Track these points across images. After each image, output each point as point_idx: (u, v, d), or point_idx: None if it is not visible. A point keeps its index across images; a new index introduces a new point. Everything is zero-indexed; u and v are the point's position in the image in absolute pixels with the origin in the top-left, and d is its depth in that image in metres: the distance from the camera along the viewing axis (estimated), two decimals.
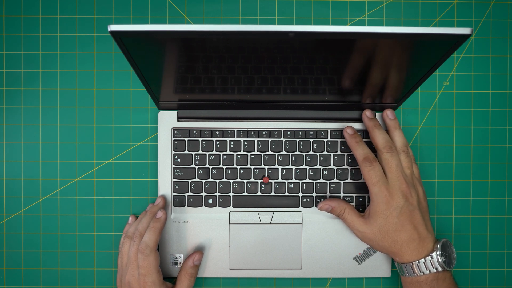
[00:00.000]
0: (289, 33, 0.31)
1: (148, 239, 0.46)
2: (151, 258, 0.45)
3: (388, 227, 0.45)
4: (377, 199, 0.46)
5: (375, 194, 0.46)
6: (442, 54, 0.36)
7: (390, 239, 0.46)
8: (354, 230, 0.48)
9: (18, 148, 0.53)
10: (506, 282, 0.54)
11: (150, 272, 0.45)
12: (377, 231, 0.46)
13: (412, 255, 0.45)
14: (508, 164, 0.54)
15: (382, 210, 0.45)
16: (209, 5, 0.53)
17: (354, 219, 0.48)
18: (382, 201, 0.45)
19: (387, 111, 0.50)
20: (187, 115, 0.51)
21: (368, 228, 0.47)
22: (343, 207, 0.48)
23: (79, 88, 0.53)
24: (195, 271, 0.49)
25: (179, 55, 0.37)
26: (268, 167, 0.51)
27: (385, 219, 0.45)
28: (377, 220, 0.46)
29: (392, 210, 0.45)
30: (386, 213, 0.45)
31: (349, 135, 0.48)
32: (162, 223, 0.48)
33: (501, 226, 0.54)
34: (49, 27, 0.53)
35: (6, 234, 0.53)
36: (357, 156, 0.47)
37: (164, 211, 0.48)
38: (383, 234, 0.46)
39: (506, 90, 0.54)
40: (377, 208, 0.46)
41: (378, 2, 0.54)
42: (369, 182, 0.46)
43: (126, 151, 0.53)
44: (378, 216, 0.46)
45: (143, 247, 0.45)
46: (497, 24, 0.54)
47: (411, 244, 0.45)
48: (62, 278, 0.53)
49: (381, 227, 0.46)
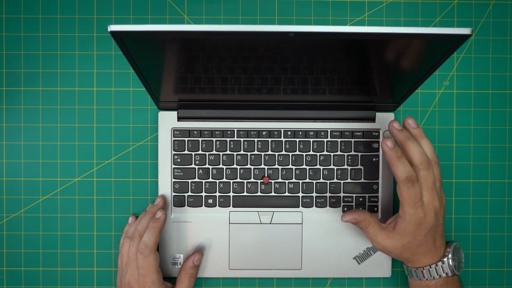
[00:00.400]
0: (289, 33, 0.31)
1: (147, 239, 0.45)
2: (151, 258, 0.45)
3: (412, 244, 0.44)
4: (410, 219, 0.43)
5: (411, 215, 0.42)
6: (442, 54, 0.36)
7: (411, 252, 0.45)
8: (374, 242, 0.46)
9: (18, 148, 0.53)
10: (506, 282, 0.54)
11: (149, 272, 0.45)
12: (400, 247, 0.44)
13: (425, 261, 0.45)
14: (508, 164, 0.54)
15: (412, 230, 0.43)
16: (209, 5, 0.53)
17: (377, 233, 0.45)
18: (415, 222, 0.43)
19: (409, 120, 0.45)
20: (187, 115, 0.51)
21: (391, 243, 0.45)
22: (369, 221, 0.45)
23: (79, 88, 0.53)
24: (195, 271, 0.49)
25: (179, 55, 0.37)
26: (268, 167, 0.51)
27: (413, 238, 0.44)
28: (404, 238, 0.44)
29: (422, 229, 0.43)
30: (415, 233, 0.43)
31: (390, 148, 0.42)
32: (162, 223, 0.47)
33: (501, 226, 0.54)
34: (49, 27, 0.53)
35: (6, 234, 0.53)
36: (397, 174, 0.42)
37: (163, 211, 0.48)
38: (405, 249, 0.45)
39: (506, 90, 0.54)
40: (407, 228, 0.43)
41: (378, 2, 0.53)
42: (408, 203, 0.42)
43: (126, 151, 0.53)
44: (406, 235, 0.44)
45: (142, 248, 0.45)
46: (497, 24, 0.53)
47: (428, 254, 0.45)
48: (62, 278, 0.53)
49: (405, 244, 0.44)
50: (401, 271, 0.53)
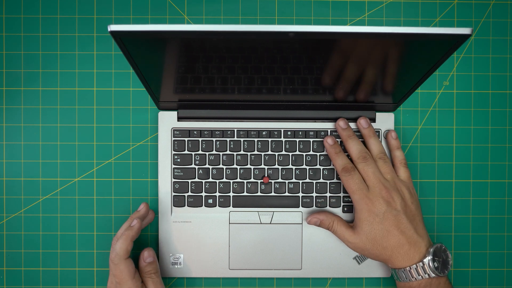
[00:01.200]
0: (289, 33, 0.31)
1: (118, 247, 0.44)
2: (122, 266, 0.44)
3: (374, 233, 0.46)
4: (359, 206, 0.46)
5: (356, 201, 0.46)
6: (442, 54, 0.36)
7: (380, 246, 0.46)
8: (344, 241, 0.48)
9: (18, 148, 0.53)
10: (506, 282, 0.54)
11: (123, 280, 0.44)
12: (365, 239, 0.46)
13: (403, 261, 0.45)
14: (508, 164, 0.54)
15: (366, 217, 0.46)
16: (209, 5, 0.53)
17: (343, 230, 0.48)
18: (364, 208, 0.46)
19: (361, 120, 0.50)
20: (187, 115, 0.51)
21: (357, 237, 0.47)
22: (331, 219, 0.49)
23: (79, 88, 0.53)
24: (153, 268, 0.47)
25: (179, 55, 0.37)
26: (268, 167, 0.51)
27: (370, 225, 0.46)
28: (363, 228, 0.46)
29: (374, 216, 0.45)
30: (369, 219, 0.46)
31: (330, 145, 0.49)
32: (135, 232, 0.46)
33: (501, 226, 0.54)
34: (49, 27, 0.53)
35: (6, 234, 0.53)
36: (336, 167, 0.48)
37: (138, 220, 0.47)
38: (372, 241, 0.46)
39: (506, 90, 0.54)
40: (361, 216, 0.46)
41: (378, 2, 0.54)
42: (350, 191, 0.47)
43: (126, 151, 0.53)
44: (363, 224, 0.46)
45: (112, 256, 0.44)
46: (497, 24, 0.54)
47: (401, 249, 0.45)
48: (62, 278, 0.53)
49: (368, 234, 0.46)
50: None
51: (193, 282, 0.53)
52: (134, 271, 0.45)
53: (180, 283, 0.53)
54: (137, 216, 0.48)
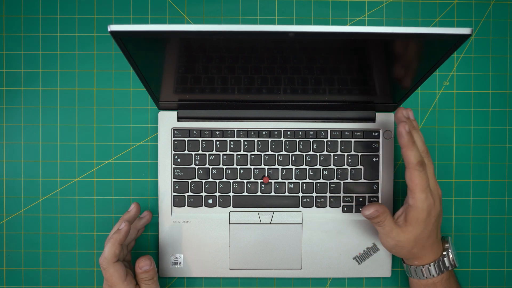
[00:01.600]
0: (289, 33, 0.31)
1: (106, 251, 0.44)
2: (111, 270, 0.44)
3: (423, 234, 0.44)
4: (422, 206, 0.42)
5: (422, 201, 0.42)
6: (442, 54, 0.36)
7: (421, 245, 0.44)
8: (388, 237, 0.44)
9: (18, 148, 0.53)
10: (506, 282, 0.54)
11: (114, 283, 0.44)
12: (412, 239, 0.44)
13: (430, 256, 0.45)
14: (508, 164, 0.54)
15: (424, 218, 0.43)
16: (209, 5, 0.53)
17: (392, 227, 0.44)
18: (426, 209, 0.43)
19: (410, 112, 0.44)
20: (187, 115, 0.51)
21: (405, 236, 0.44)
22: (386, 214, 0.44)
23: (79, 88, 0.53)
24: (148, 275, 0.46)
25: (179, 55, 0.37)
26: (268, 167, 0.51)
27: (424, 227, 0.43)
28: (416, 228, 0.43)
29: (431, 217, 0.43)
30: (426, 221, 0.43)
31: (407, 132, 0.41)
32: (123, 236, 0.44)
33: (501, 226, 0.54)
34: (49, 27, 0.53)
35: (6, 234, 0.53)
36: (411, 159, 0.42)
37: (127, 223, 0.45)
38: (417, 241, 0.44)
39: (506, 90, 0.54)
40: (419, 216, 0.43)
41: (378, 2, 0.53)
42: (419, 188, 0.42)
43: (126, 151, 0.53)
44: (418, 224, 0.43)
45: (101, 260, 0.44)
46: (497, 24, 0.53)
47: (433, 247, 0.45)
48: (62, 278, 0.53)
49: (418, 235, 0.43)
50: (401, 271, 0.53)
51: (193, 282, 0.53)
52: (125, 274, 0.44)
53: (180, 283, 0.53)
54: (126, 217, 0.47)
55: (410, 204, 0.43)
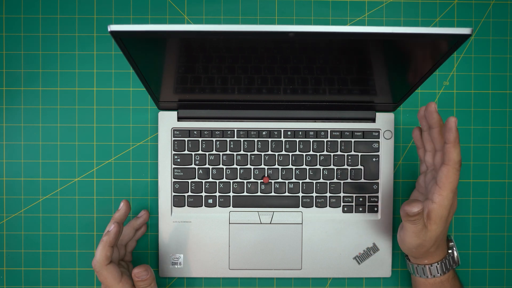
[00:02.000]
0: (289, 33, 0.31)
1: (98, 255, 0.43)
2: (104, 273, 0.43)
3: (442, 233, 0.44)
4: (447, 204, 0.42)
5: (449, 199, 0.42)
6: (442, 54, 0.36)
7: (437, 245, 0.44)
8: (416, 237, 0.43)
9: (18, 148, 0.53)
10: (506, 282, 0.54)
11: (110, 285, 0.43)
12: (434, 238, 0.43)
13: (439, 255, 0.45)
14: (508, 164, 0.54)
15: (446, 217, 0.43)
16: (209, 5, 0.53)
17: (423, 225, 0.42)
18: (450, 207, 0.42)
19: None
20: (187, 115, 0.51)
21: (429, 235, 0.43)
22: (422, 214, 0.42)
23: (79, 88, 0.53)
24: (145, 283, 0.44)
25: (179, 55, 0.37)
26: (268, 167, 0.51)
27: (445, 226, 0.43)
28: (440, 227, 0.43)
29: (449, 217, 0.43)
30: (447, 219, 0.43)
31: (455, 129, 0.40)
32: (113, 237, 0.43)
33: (501, 226, 0.54)
34: (49, 27, 0.53)
35: (6, 234, 0.53)
36: (453, 156, 0.40)
37: (116, 224, 0.44)
38: (437, 240, 0.44)
39: (506, 90, 0.54)
40: (444, 213, 0.42)
41: (378, 2, 0.53)
42: (451, 186, 0.41)
43: (126, 151, 0.53)
44: (442, 223, 0.42)
45: (93, 264, 0.43)
46: (497, 24, 0.53)
47: (442, 245, 0.45)
48: (62, 278, 0.53)
49: (439, 234, 0.43)
50: (401, 271, 0.53)
51: (193, 282, 0.53)
52: (119, 275, 0.44)
53: (180, 283, 0.53)
54: (117, 216, 0.45)
55: (436, 201, 0.42)
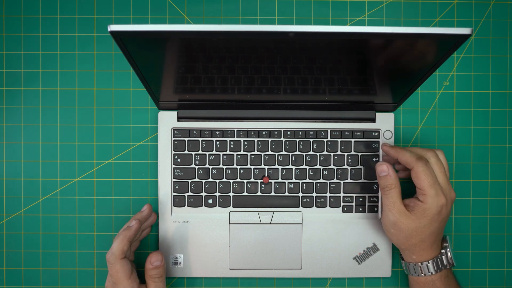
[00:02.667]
0: (289, 33, 0.31)
1: (114, 247, 0.44)
2: (117, 266, 0.44)
3: (426, 229, 0.44)
4: (432, 203, 0.43)
5: (431, 197, 0.43)
6: (442, 54, 0.36)
7: (419, 238, 0.44)
8: (389, 213, 0.44)
9: (18, 148, 0.53)
10: (506, 282, 0.54)
11: (119, 280, 0.44)
12: (412, 227, 0.43)
13: (429, 254, 0.45)
14: (508, 164, 0.54)
15: (432, 215, 0.43)
16: (209, 5, 0.53)
17: (396, 201, 0.44)
18: (436, 206, 0.43)
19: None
20: (187, 115, 0.51)
21: (406, 220, 0.43)
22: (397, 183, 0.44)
23: (79, 88, 0.53)
24: (158, 272, 0.46)
25: (179, 55, 0.37)
26: (268, 167, 0.51)
27: (429, 223, 0.43)
28: (421, 221, 0.43)
29: (440, 216, 0.43)
30: (434, 218, 0.43)
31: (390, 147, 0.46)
32: (133, 233, 0.45)
33: (501, 226, 0.54)
34: (49, 27, 0.53)
35: (6, 234, 0.53)
36: (407, 159, 0.44)
37: (137, 221, 0.46)
38: (417, 232, 0.44)
39: (506, 90, 0.54)
40: (428, 211, 0.43)
41: (378, 2, 0.53)
42: (427, 183, 0.42)
43: (126, 151, 0.53)
44: (424, 218, 0.43)
45: (108, 256, 0.44)
46: (497, 24, 0.53)
47: (434, 244, 0.45)
48: (62, 278, 0.53)
49: (419, 227, 0.43)
50: (401, 271, 0.53)
51: (193, 282, 0.53)
52: (130, 272, 0.45)
53: (180, 283, 0.53)
54: (138, 217, 0.48)
55: (421, 200, 0.43)
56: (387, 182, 0.44)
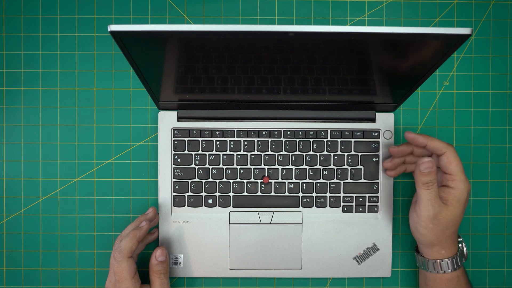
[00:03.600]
0: (289, 33, 0.31)
1: (123, 245, 0.45)
2: (124, 264, 0.44)
3: (459, 218, 0.44)
4: (463, 187, 0.44)
5: (463, 181, 0.44)
6: (442, 54, 0.36)
7: (453, 230, 0.45)
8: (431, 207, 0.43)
9: (18, 148, 0.53)
10: (506, 282, 0.54)
11: (123, 278, 0.44)
12: (451, 218, 0.44)
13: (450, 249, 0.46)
14: (508, 164, 0.54)
15: (464, 201, 0.44)
16: (209, 5, 0.53)
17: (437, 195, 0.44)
18: (466, 192, 0.44)
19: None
20: (187, 115, 0.51)
21: (445, 212, 0.43)
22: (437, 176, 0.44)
23: (79, 88, 0.53)
24: (163, 268, 0.47)
25: (179, 55, 0.37)
26: (268, 167, 0.51)
27: (463, 210, 0.44)
28: (457, 209, 0.44)
29: (466, 202, 0.44)
30: (465, 204, 0.44)
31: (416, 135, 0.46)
32: (143, 233, 0.46)
33: (501, 226, 0.54)
34: (49, 27, 0.53)
35: (6, 234, 0.53)
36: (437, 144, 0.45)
37: (148, 222, 0.47)
38: (454, 223, 0.44)
39: (506, 90, 0.54)
40: (461, 197, 0.44)
41: (378, 2, 0.53)
42: (459, 168, 0.44)
43: (126, 151, 0.53)
44: (460, 205, 0.44)
45: (116, 253, 0.44)
46: (497, 24, 0.53)
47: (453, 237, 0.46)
48: (62, 278, 0.53)
49: (456, 216, 0.44)
50: (401, 271, 0.53)
51: (193, 282, 0.53)
52: (134, 271, 0.45)
53: (180, 283, 0.53)
54: (144, 219, 0.48)
55: (452, 186, 0.44)
56: (432, 177, 0.43)
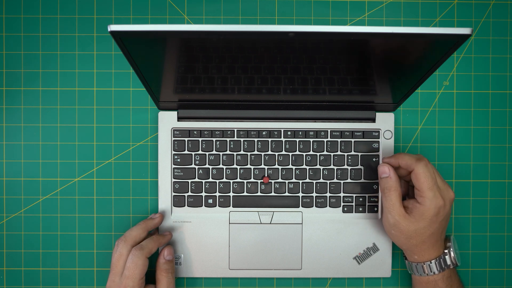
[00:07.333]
0: (289, 33, 0.31)
1: (145, 243, 0.46)
2: (140, 262, 0.44)
3: (426, 230, 0.44)
4: (430, 204, 0.43)
5: (430, 199, 0.43)
6: (442, 54, 0.36)
7: (420, 240, 0.45)
8: (389, 214, 0.45)
9: (18, 148, 0.53)
10: (506, 282, 0.54)
11: (133, 275, 0.44)
12: (413, 229, 0.44)
13: (431, 253, 0.45)
14: (508, 164, 0.54)
15: (430, 217, 0.43)
16: (209, 5, 0.53)
17: (396, 203, 0.44)
18: (434, 207, 0.43)
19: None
20: (187, 115, 0.51)
21: (406, 222, 0.44)
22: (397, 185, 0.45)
23: (79, 88, 0.53)
24: (170, 266, 0.48)
25: (179, 55, 0.37)
26: (268, 167, 0.51)
27: (429, 225, 0.44)
28: (420, 223, 0.44)
29: (439, 217, 0.44)
30: (432, 220, 0.43)
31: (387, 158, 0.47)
32: (153, 224, 0.48)
33: (501, 226, 0.54)
34: (49, 27, 0.53)
35: (6, 234, 0.53)
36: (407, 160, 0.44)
37: (161, 215, 0.50)
38: (417, 233, 0.44)
39: (506, 90, 0.54)
40: (426, 214, 0.43)
41: (378, 2, 0.53)
42: (426, 184, 0.43)
43: (126, 151, 0.53)
44: (423, 220, 0.44)
45: (137, 247, 0.45)
46: (497, 24, 0.53)
47: (436, 244, 0.45)
48: (62, 278, 0.53)
49: (419, 229, 0.44)
50: (401, 271, 0.53)
51: (193, 282, 0.53)
52: (145, 272, 0.45)
53: (180, 283, 0.53)
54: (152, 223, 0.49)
55: (419, 201, 0.44)
56: (387, 184, 0.45)
